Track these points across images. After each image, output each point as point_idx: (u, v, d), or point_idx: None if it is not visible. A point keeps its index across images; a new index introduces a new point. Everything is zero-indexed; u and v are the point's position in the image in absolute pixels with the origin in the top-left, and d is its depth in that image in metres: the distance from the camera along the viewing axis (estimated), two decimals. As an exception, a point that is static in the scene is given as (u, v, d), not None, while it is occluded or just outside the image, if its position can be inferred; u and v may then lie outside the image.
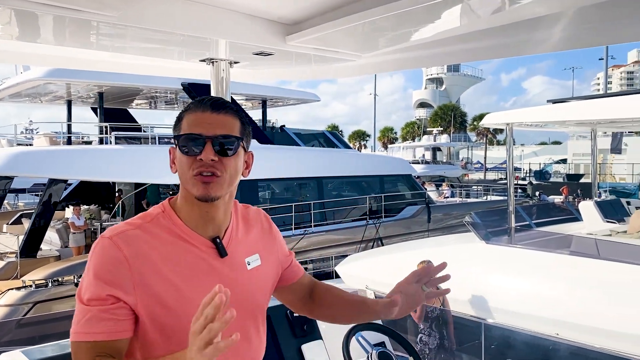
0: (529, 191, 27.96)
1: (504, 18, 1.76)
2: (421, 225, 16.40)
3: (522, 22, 1.78)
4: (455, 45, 2.02)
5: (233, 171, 1.28)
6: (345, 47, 2.04)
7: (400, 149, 49.28)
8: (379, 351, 1.99)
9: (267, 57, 2.05)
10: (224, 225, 1.35)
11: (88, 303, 1.17)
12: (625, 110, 5.60)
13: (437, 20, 1.69)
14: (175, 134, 1.29)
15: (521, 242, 6.32)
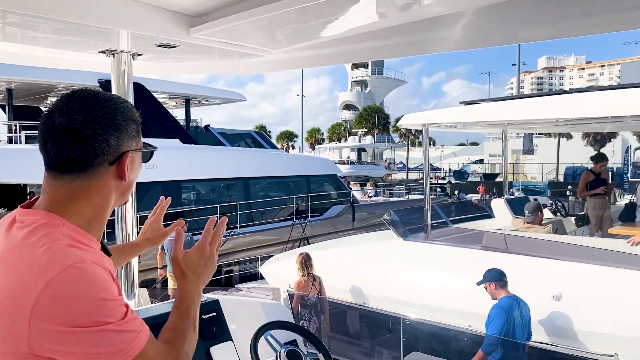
0: (448, 190, 29.14)
1: (410, 16, 1.80)
2: (346, 224, 16.67)
3: (427, 20, 1.83)
4: (364, 42, 2.05)
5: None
6: (253, 41, 2.01)
7: (327, 149, 49.84)
8: (288, 349, 1.98)
9: (171, 49, 1.99)
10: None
11: (127, 313, 1.04)
12: (532, 112, 5.96)
13: (345, 16, 1.70)
14: (141, 143, 1.23)
15: (437, 239, 6.56)
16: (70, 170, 1.09)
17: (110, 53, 2.04)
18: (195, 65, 2.35)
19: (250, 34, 1.92)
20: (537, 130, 10.60)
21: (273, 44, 2.06)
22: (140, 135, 1.20)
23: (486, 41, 1.86)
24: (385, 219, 7.08)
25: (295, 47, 2.10)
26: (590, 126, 9.54)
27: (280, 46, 2.10)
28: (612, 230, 6.02)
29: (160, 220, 1.73)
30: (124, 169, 1.14)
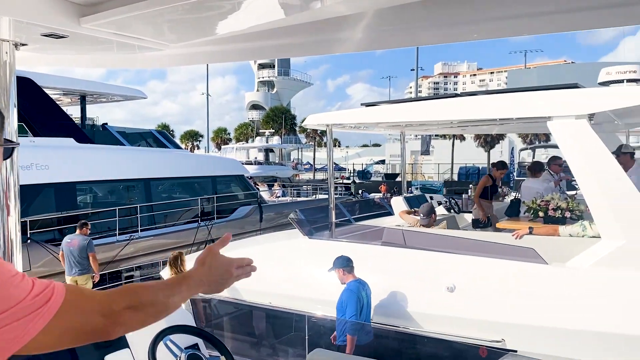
0: (353, 189, 29.93)
1: (312, 15, 1.83)
2: (254, 225, 16.57)
3: (330, 20, 1.87)
4: (267, 40, 2.05)
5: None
6: (149, 34, 1.95)
7: (234, 150, 49.18)
8: (189, 354, 1.94)
9: (59, 40, 1.87)
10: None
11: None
12: (428, 113, 6.28)
13: (243, 12, 1.70)
14: None
15: (340, 236, 6.71)
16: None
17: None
18: (87, 58, 2.23)
19: (145, 27, 1.86)
20: (434, 131, 11.21)
21: (170, 37, 2.01)
22: (3, 130, 1.11)
23: (386, 43, 1.93)
24: (291, 218, 7.14)
25: (195, 42, 2.07)
26: (480, 128, 10.23)
27: (178, 40, 2.05)
28: (500, 225, 6.50)
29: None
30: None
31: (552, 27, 1.85)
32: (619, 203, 4.81)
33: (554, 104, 5.26)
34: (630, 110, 5.51)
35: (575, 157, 5.04)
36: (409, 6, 1.77)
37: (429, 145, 41.77)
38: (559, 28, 1.95)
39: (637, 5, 1.82)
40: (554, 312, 4.93)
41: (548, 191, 6.74)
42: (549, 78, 54.92)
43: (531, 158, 32.04)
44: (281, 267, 6.46)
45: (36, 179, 10.59)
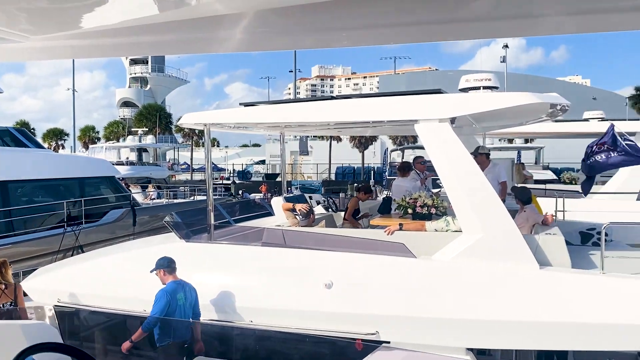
0: (233, 190, 29.61)
1: (185, 12, 1.78)
2: (126, 229, 15.68)
3: (206, 19, 1.83)
4: (140, 36, 1.95)
5: None
6: (7, 25, 1.77)
7: (104, 149, 46.18)
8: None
9: None
10: None
11: None
12: (307, 115, 6.41)
13: (112, 7, 1.61)
14: None
15: (220, 238, 6.61)
16: None
17: None
18: None
19: (2, 17, 1.69)
20: (312, 133, 11.49)
21: (30, 29, 1.85)
22: None
23: (264, 45, 1.94)
24: (166, 222, 6.88)
25: (60, 35, 1.92)
26: (355, 130, 10.67)
27: (40, 32, 1.89)
28: (373, 222, 6.83)
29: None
30: None
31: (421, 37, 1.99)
32: (477, 200, 5.29)
33: (420, 108, 5.64)
34: (486, 115, 6.09)
35: (439, 157, 5.45)
36: (287, 10, 1.81)
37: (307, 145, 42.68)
38: (428, 38, 2.11)
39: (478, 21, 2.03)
40: (422, 303, 5.30)
41: (416, 189, 7.22)
42: (416, 83, 58.94)
43: (401, 159, 34.04)
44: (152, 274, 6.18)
45: None
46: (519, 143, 30.99)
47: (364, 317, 5.44)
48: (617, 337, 4.88)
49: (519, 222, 5.75)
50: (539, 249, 5.16)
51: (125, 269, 6.55)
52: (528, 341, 5.17)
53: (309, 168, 54.76)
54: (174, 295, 5.56)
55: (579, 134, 14.80)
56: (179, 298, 5.59)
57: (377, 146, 52.44)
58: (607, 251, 5.08)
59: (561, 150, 30.58)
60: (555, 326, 4.90)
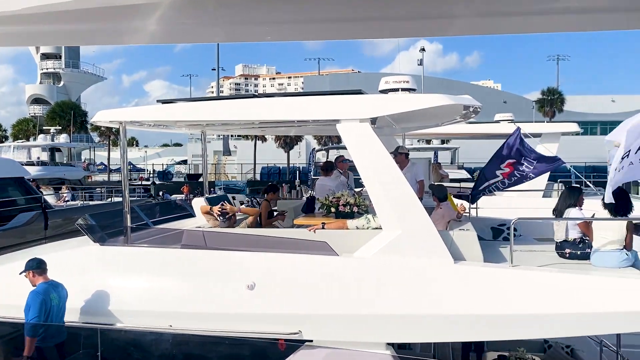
0: (152, 191, 28.62)
1: (97, 1, 1.67)
2: (38, 233, 14.74)
3: (119, 7, 1.73)
4: (48, 24, 1.80)
5: None
6: None
7: (11, 148, 43.16)
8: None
9: None
10: None
11: None
12: (229, 113, 6.28)
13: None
14: None
15: (138, 241, 6.35)
16: None
17: None
18: None
19: None
20: (235, 132, 11.33)
21: None
22: None
23: (179, 37, 1.87)
24: (78, 224, 6.51)
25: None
26: (279, 129, 10.63)
27: None
28: (297, 221, 6.83)
29: None
30: None
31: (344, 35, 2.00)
32: (396, 198, 5.42)
33: (341, 108, 5.71)
34: (404, 116, 6.25)
35: (360, 156, 5.54)
36: (203, 1, 1.75)
37: (229, 144, 42.08)
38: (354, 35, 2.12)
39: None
40: (343, 300, 5.36)
41: (339, 188, 7.30)
42: (340, 84, 59.82)
43: (326, 158, 34.40)
44: (70, 279, 5.85)
45: None
46: (436, 144, 32.33)
47: (287, 317, 5.43)
48: (526, 327, 5.18)
49: (435, 219, 5.96)
50: (453, 244, 5.37)
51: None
52: (445, 334, 5.38)
53: (234, 168, 54.06)
54: (47, 296, 5.46)
55: (491, 135, 15.64)
56: (52, 298, 5.49)
57: (303, 146, 52.71)
58: (515, 245, 5.38)
59: (474, 150, 32.19)
60: (469, 318, 5.12)
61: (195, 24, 1.96)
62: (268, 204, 7.72)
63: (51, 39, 1.94)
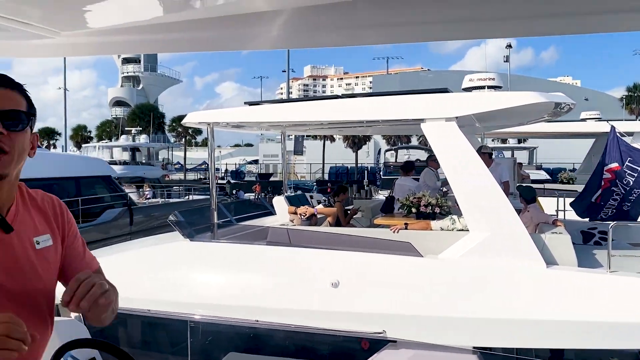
0: (228, 190, 29.53)
1: (224, 10, 1.76)
2: (122, 229, 15.62)
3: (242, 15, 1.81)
4: (171, 33, 1.93)
5: (21, 148, 1.28)
6: (39, 19, 1.75)
7: (96, 148, 45.95)
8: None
9: None
10: (7, 205, 1.32)
11: None
12: (309, 114, 6.40)
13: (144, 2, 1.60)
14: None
15: (224, 237, 6.59)
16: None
17: None
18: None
19: (36, 9, 1.67)
20: (310, 132, 11.47)
21: (64, 24, 1.83)
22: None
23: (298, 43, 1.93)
24: (170, 220, 6.83)
25: (91, 30, 1.89)
26: (355, 129, 10.66)
27: (71, 28, 1.87)
28: (377, 221, 6.83)
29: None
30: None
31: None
32: (484, 198, 5.30)
33: (427, 107, 5.65)
34: (490, 114, 6.10)
35: (446, 156, 5.47)
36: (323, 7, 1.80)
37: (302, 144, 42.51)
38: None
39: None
40: (429, 302, 5.31)
41: (419, 189, 7.24)
42: (409, 83, 59.04)
43: (394, 158, 34.10)
44: (161, 272, 6.17)
45: None
46: (513, 143, 31.18)
47: (371, 316, 5.44)
48: (622, 336, 4.92)
49: (524, 221, 5.77)
50: (545, 248, 5.18)
51: (130, 268, 6.50)
52: (534, 340, 5.20)
53: (302, 168, 54.75)
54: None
55: (578, 134, 14.91)
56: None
57: (371, 146, 52.54)
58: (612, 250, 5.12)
59: (551, 150, 30.75)
60: (561, 325, 4.92)
61: (313, 29, 2.02)
62: (341, 204, 7.79)
63: (176, 47, 2.05)
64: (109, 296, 1.28)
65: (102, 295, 1.24)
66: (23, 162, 1.33)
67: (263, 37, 1.96)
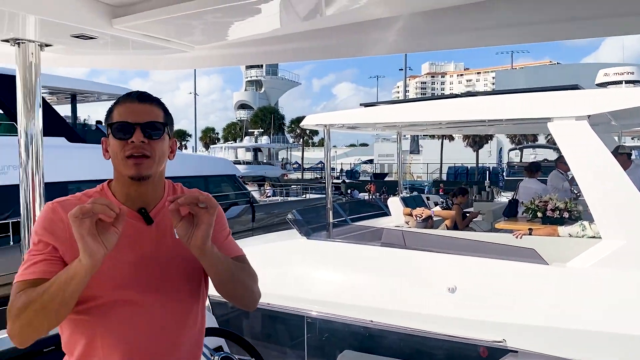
0: (343, 189, 29.96)
1: (341, 19, 1.82)
2: (245, 225, 16.50)
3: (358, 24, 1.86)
4: (294, 43, 2.02)
5: (160, 153, 1.49)
6: (177, 36, 1.93)
7: (223, 149, 49.01)
8: (222, 356, 1.92)
9: (87, 40, 1.84)
10: (154, 201, 1.54)
11: (29, 253, 1.41)
12: (426, 114, 6.30)
13: (275, 16, 1.68)
14: (107, 123, 1.50)
15: (339, 237, 6.70)
16: None
17: (14, 42, 1.84)
18: (109, 59, 2.19)
19: (175, 29, 1.84)
20: (427, 132, 11.27)
21: (197, 39, 1.99)
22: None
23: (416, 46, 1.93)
24: (288, 219, 7.11)
25: (220, 43, 2.04)
26: (476, 128, 10.29)
27: (205, 42, 2.03)
28: (499, 225, 6.54)
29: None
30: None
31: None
32: (620, 203, 4.85)
33: (554, 105, 5.30)
34: (628, 112, 5.57)
35: (576, 157, 5.08)
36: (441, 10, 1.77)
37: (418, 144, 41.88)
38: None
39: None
40: (554, 312, 4.97)
41: (546, 191, 6.80)
42: (536, 78, 55.43)
43: (519, 158, 32.32)
44: (280, 268, 6.43)
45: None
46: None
47: (491, 324, 5.22)
48: None
49: (669, 230, 5.19)
50: (694, 261, 4.62)
51: (254, 262, 6.83)
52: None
53: (419, 168, 53.84)
54: None
55: None
56: None
57: (493, 145, 50.26)
58: None
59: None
60: None
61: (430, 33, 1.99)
62: (459, 207, 7.54)
63: (297, 56, 2.14)
64: (208, 218, 1.39)
65: (200, 203, 1.37)
66: (163, 164, 1.56)
67: (381, 43, 1.98)
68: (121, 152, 1.45)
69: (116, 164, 1.50)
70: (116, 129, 1.47)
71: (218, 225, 1.62)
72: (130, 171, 1.45)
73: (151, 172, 1.48)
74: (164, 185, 1.61)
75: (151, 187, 1.53)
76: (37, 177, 2.04)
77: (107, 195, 1.52)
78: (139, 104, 1.49)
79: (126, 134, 1.45)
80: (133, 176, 1.45)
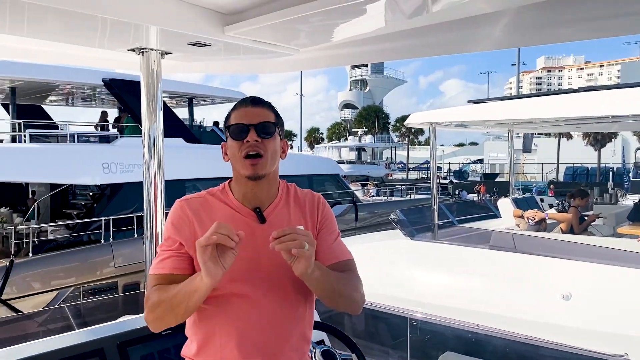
0: (450, 190, 29.16)
1: (447, 15, 1.79)
2: (348, 224, 16.66)
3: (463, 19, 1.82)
4: (398, 41, 2.03)
5: (273, 151, 1.60)
6: (284, 40, 2.01)
7: (327, 149, 49.77)
8: (322, 350, 1.97)
9: (202, 48, 1.98)
10: (268, 200, 1.64)
11: (160, 247, 1.58)
12: (540, 111, 5.95)
13: (381, 15, 1.70)
14: (225, 126, 1.63)
15: (444, 238, 6.55)
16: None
17: (139, 51, 2.03)
18: (221, 64, 2.34)
19: (282, 34, 1.92)
20: (542, 129, 10.58)
21: (302, 42, 2.06)
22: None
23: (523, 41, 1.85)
24: (392, 219, 7.07)
25: (325, 45, 2.10)
26: (596, 125, 9.54)
27: (310, 45, 2.10)
28: (622, 230, 6.02)
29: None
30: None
31: None
32: None
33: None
34: None
35: None
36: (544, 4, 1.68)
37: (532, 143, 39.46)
38: None
39: None
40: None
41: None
42: (670, 70, 50.07)
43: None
44: (384, 268, 6.42)
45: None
46: None
47: (609, 336, 4.83)
48: None
49: None
50: None
51: (357, 261, 6.91)
52: None
53: (533, 168, 50.87)
54: None
55: None
56: None
57: (617, 143, 46.19)
58: None
59: None
60: None
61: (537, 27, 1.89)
62: (577, 210, 7.02)
63: (402, 54, 2.13)
64: (304, 254, 1.41)
65: (295, 245, 1.39)
66: (276, 164, 1.66)
67: (488, 39, 1.92)
68: (239, 152, 1.57)
69: (235, 165, 1.60)
70: (233, 130, 1.59)
71: (327, 227, 1.73)
72: (248, 171, 1.55)
73: (266, 172, 1.58)
74: (278, 185, 1.70)
75: (266, 187, 1.62)
76: (159, 175, 2.23)
77: (227, 193, 1.64)
78: (253, 108, 1.61)
79: (242, 134, 1.56)
80: (250, 176, 1.56)
